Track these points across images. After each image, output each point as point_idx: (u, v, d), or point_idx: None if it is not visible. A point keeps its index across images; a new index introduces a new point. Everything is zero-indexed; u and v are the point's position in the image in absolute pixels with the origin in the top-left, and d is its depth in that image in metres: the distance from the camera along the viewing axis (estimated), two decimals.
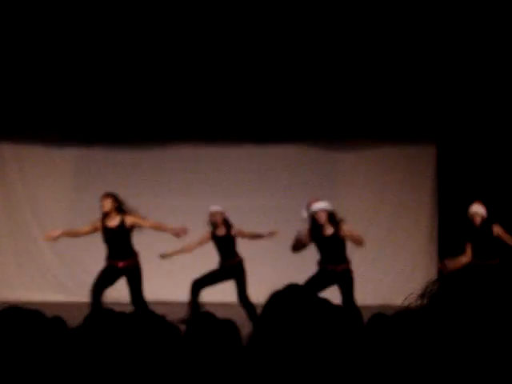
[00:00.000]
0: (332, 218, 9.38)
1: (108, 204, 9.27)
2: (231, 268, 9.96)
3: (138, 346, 2.11)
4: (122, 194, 11.31)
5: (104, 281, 9.22)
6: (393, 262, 12.18)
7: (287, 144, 12.49)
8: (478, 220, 9.98)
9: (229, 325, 2.67)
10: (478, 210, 10.02)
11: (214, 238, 9.99)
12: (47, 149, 12.50)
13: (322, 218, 9.30)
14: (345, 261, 9.46)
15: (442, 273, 10.30)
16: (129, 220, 9.26)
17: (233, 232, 9.95)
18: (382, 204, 12.38)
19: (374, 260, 12.06)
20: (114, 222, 9.27)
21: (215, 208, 9.98)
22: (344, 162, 12.61)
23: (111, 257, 9.26)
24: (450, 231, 11.84)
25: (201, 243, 10.00)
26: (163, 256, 10.02)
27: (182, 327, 2.67)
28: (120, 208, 9.29)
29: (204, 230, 10.08)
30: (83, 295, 9.60)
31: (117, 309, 2.30)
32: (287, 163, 12.41)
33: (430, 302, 1.53)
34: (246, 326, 2.69)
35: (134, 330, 2.15)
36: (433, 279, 1.54)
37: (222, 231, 9.96)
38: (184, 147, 12.56)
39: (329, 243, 9.34)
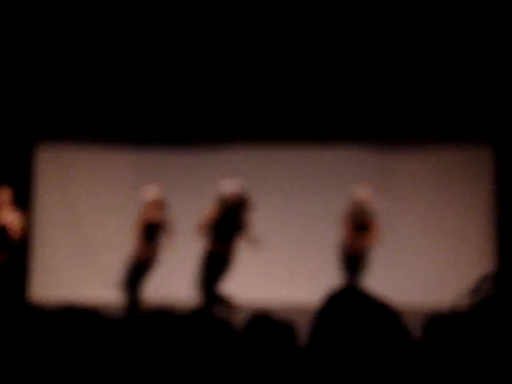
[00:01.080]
0: None
1: None
2: None
3: (197, 346, 2.12)
4: (181, 195, 11.43)
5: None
6: (450, 263, 12.05)
7: (350, 145, 12.46)
8: None
9: (286, 328, 2.66)
10: None
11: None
12: (106, 151, 12.64)
13: None
14: None
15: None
16: None
17: None
18: (439, 205, 12.26)
19: (431, 261, 11.97)
20: None
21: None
22: (403, 163, 12.53)
23: None
24: (510, 234, 11.71)
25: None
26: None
27: (240, 329, 2.66)
28: None
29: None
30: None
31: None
32: (348, 164, 12.36)
33: (483, 301, 1.51)
34: (303, 329, 2.67)
35: (192, 331, 2.15)
36: (485, 276, 1.52)
37: None
38: (238, 149, 12.60)
39: None
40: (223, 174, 12.14)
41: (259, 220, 10.71)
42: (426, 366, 1.78)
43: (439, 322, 2.05)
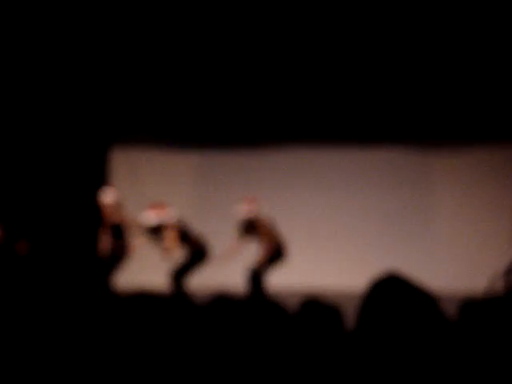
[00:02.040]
0: None
1: None
2: None
3: (249, 331, 2.11)
4: (236, 193, 11.47)
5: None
6: (483, 252, 11.86)
7: (387, 147, 12.37)
8: None
9: (334, 312, 2.64)
10: None
11: None
12: (169, 154, 12.70)
13: None
14: None
15: None
16: None
17: None
18: (469, 205, 12.07)
19: (465, 250, 11.83)
20: None
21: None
22: (437, 164, 12.40)
23: None
24: None
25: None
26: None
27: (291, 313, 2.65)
28: None
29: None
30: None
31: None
32: (386, 166, 12.27)
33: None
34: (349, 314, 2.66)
35: (245, 318, 2.15)
36: None
37: None
38: (295, 150, 12.57)
39: None
40: (278, 174, 12.17)
41: (313, 214, 10.76)
42: (462, 349, 1.76)
43: (474, 305, 2.03)
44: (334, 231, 12.21)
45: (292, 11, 11.04)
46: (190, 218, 10.78)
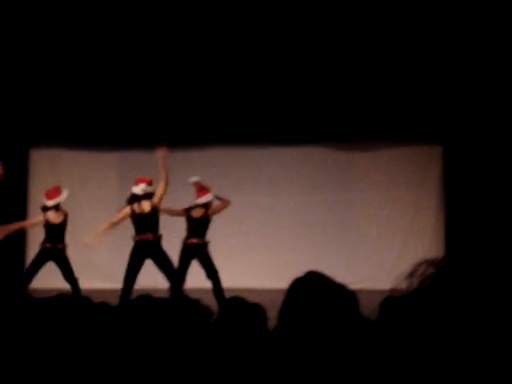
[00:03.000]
0: None
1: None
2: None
3: (172, 330, 2.12)
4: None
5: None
6: (401, 250, 12.09)
7: (306, 146, 12.51)
8: None
9: (258, 310, 2.67)
10: None
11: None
12: (92, 154, 12.59)
13: None
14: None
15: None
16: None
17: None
18: (391, 201, 12.31)
19: (384, 248, 12.04)
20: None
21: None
22: (356, 162, 12.60)
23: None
24: (457, 227, 11.78)
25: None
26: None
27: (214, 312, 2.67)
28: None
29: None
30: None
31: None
32: (303, 164, 12.39)
33: (421, 283, 1.52)
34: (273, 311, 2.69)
35: (167, 315, 2.15)
36: (423, 261, 1.53)
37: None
38: (216, 149, 12.61)
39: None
40: (200, 171, 12.14)
41: (235, 213, 10.76)
42: (381, 345, 1.80)
43: (391, 303, 2.07)
44: (256, 231, 12.27)
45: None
46: (111, 214, 10.67)
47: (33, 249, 12.30)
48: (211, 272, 9.33)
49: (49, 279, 9.95)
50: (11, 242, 11.05)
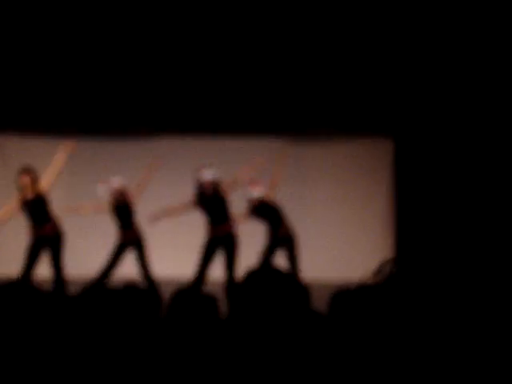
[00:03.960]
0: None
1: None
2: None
3: (123, 321, 2.11)
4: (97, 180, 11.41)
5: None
6: (352, 244, 12.20)
7: (254, 138, 12.51)
8: None
9: (209, 301, 2.67)
10: None
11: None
12: (44, 140, 12.43)
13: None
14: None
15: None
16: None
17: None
18: (342, 195, 12.36)
19: (337, 242, 12.12)
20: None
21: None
22: (307, 155, 12.60)
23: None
24: (407, 221, 11.91)
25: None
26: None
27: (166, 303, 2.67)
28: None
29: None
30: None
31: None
32: (251, 158, 12.36)
33: (384, 280, 1.55)
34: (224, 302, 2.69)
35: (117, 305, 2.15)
36: (386, 259, 1.57)
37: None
38: (161, 138, 12.57)
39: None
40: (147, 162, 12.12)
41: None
42: (332, 336, 1.82)
43: (345, 295, 2.09)
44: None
45: None
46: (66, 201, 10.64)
47: None
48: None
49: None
50: None
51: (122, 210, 9.61)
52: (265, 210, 9.90)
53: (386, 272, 1.61)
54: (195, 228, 10.76)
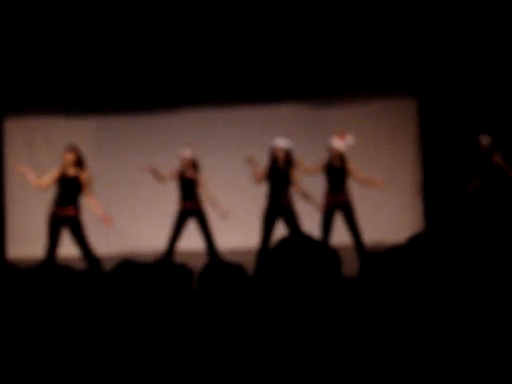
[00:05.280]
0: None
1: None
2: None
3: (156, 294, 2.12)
4: (134, 156, 11.42)
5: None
6: (379, 207, 12.16)
7: (279, 103, 12.50)
8: None
9: (239, 269, 2.67)
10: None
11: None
12: (69, 120, 12.50)
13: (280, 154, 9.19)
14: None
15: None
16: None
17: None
18: (368, 157, 12.26)
19: (362, 204, 12.08)
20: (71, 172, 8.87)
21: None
22: (331, 118, 12.57)
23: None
24: (434, 181, 11.86)
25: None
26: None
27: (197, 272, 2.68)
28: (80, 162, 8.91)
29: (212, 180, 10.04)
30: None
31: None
32: (281, 122, 12.33)
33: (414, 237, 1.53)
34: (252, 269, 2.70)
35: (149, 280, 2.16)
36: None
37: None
38: (192, 111, 12.57)
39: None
40: (176, 135, 12.10)
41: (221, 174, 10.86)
42: (363, 302, 1.81)
43: (377, 258, 2.08)
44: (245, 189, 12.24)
45: None
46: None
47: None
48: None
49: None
50: None
51: (188, 180, 9.63)
52: (334, 170, 9.74)
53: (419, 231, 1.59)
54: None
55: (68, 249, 9.15)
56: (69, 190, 8.84)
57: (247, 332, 2.04)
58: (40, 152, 12.28)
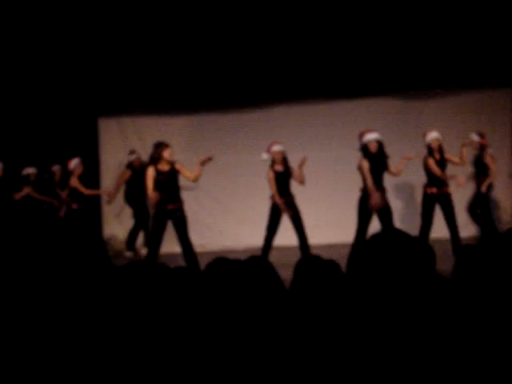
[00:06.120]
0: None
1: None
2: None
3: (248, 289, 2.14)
4: (220, 152, 11.55)
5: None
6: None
7: (372, 97, 12.42)
8: None
9: (332, 264, 2.68)
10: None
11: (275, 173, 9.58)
12: (160, 118, 12.70)
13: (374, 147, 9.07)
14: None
15: None
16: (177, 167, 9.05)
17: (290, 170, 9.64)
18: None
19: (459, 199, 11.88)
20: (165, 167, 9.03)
21: (278, 148, 9.66)
22: (425, 111, 12.43)
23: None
24: None
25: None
26: None
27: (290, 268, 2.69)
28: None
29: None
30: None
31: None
32: (373, 115, 12.24)
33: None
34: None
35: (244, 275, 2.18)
36: None
37: (280, 168, 9.60)
38: (274, 107, 12.61)
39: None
40: (264, 132, 12.15)
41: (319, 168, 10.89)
42: (459, 292, 1.79)
43: (471, 251, 2.06)
44: (339, 184, 12.19)
45: None
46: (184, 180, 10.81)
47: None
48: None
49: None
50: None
51: (282, 175, 9.67)
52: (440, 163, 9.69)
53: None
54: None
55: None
56: (172, 186, 8.96)
57: (344, 327, 2.05)
58: (132, 148, 12.53)
